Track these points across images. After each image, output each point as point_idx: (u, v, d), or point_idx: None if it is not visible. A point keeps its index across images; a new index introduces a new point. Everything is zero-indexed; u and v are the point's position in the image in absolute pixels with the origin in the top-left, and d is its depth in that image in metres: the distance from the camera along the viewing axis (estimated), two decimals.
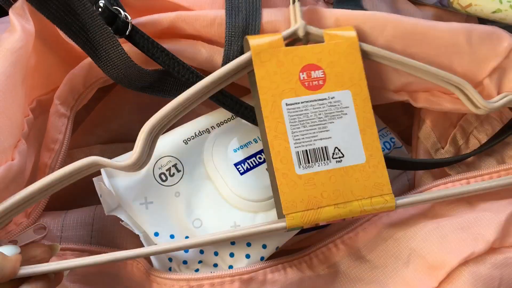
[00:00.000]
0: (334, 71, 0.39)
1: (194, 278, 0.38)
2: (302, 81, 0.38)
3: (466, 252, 0.39)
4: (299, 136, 0.37)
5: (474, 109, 0.43)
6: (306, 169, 0.36)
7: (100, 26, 0.36)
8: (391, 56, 0.41)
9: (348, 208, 0.36)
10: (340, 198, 0.36)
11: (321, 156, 0.37)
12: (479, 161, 0.50)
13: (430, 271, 0.41)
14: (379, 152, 0.38)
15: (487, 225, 0.41)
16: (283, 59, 0.38)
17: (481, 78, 0.44)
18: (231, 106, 0.41)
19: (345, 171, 0.37)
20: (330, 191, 0.36)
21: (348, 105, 0.38)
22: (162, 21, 0.40)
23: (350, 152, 0.37)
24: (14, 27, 0.37)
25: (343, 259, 0.43)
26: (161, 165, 0.40)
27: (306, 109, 0.37)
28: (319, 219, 0.36)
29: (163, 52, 0.39)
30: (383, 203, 0.37)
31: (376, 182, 0.37)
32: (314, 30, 0.39)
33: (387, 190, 0.37)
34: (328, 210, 0.36)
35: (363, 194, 0.37)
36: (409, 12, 0.49)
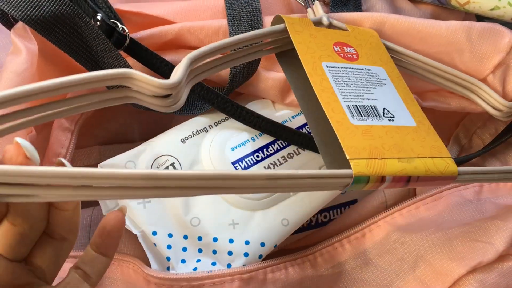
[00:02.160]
0: (364, 51, 0.39)
1: (194, 277, 0.38)
2: (337, 52, 0.38)
3: (474, 261, 0.39)
4: (346, 93, 0.35)
5: (493, 111, 0.43)
6: (360, 121, 0.34)
7: (107, 48, 0.37)
8: (407, 52, 0.41)
9: (413, 164, 0.33)
10: (402, 153, 0.33)
11: (373, 113, 0.35)
12: (483, 161, 0.50)
13: (436, 278, 0.40)
14: (426, 120, 0.36)
15: (496, 234, 0.40)
16: (315, 33, 0.38)
17: (485, 75, 0.44)
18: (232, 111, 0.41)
19: (400, 130, 0.35)
20: (390, 145, 0.33)
21: (386, 78, 0.38)
22: (167, 32, 0.41)
23: (399, 115, 0.36)
24: (18, 49, 0.37)
25: (348, 259, 0.42)
26: (159, 164, 0.40)
27: (346, 73, 0.37)
28: (384, 171, 0.32)
29: (162, 62, 0.39)
30: (445, 165, 0.34)
31: (433, 144, 0.35)
32: (337, 23, 0.40)
33: (446, 154, 0.35)
34: (393, 162, 0.32)
35: (424, 153, 0.34)
36: (407, 11, 0.49)
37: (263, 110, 0.44)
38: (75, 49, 0.37)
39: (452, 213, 0.43)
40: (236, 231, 0.39)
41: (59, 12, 0.35)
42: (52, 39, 0.36)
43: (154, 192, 0.25)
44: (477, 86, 0.43)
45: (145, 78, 0.29)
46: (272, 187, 0.29)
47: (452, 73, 0.43)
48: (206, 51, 0.34)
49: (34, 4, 0.34)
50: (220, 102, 0.41)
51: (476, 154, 0.48)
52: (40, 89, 0.26)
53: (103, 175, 0.24)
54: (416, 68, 0.43)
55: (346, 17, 0.42)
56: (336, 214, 0.47)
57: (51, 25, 0.35)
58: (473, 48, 0.43)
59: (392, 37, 0.43)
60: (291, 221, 0.41)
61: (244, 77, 0.42)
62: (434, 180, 0.34)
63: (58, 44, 0.36)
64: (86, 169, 0.23)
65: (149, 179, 0.24)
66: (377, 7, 0.47)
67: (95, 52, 0.37)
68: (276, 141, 0.43)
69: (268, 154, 0.42)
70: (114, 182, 0.24)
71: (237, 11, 0.41)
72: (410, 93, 0.38)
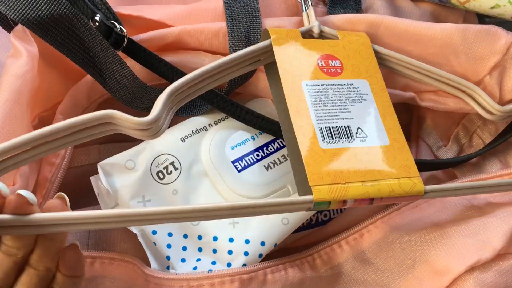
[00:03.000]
0: (350, 63, 0.39)
1: (194, 277, 0.38)
2: (320, 68, 0.38)
3: (472, 259, 0.39)
4: (321, 114, 0.36)
5: (487, 114, 0.43)
6: (330, 144, 0.35)
7: (105, 49, 0.37)
8: (401, 58, 0.42)
9: (377, 187, 0.34)
10: (367, 175, 0.34)
11: (345, 134, 0.36)
12: (483, 161, 0.50)
13: (435, 277, 0.40)
14: (401, 137, 0.37)
15: (494, 232, 0.40)
16: (301, 47, 0.38)
17: (481, 76, 0.44)
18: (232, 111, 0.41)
19: (370, 150, 0.35)
20: (356, 168, 0.34)
21: (367, 93, 0.38)
22: (167, 35, 0.41)
23: (373, 134, 0.36)
24: (18, 52, 0.37)
25: (347, 260, 0.42)
26: (159, 163, 0.40)
27: (326, 91, 0.37)
28: (347, 196, 0.33)
29: (161, 62, 0.39)
30: (411, 185, 0.35)
31: (402, 164, 0.35)
32: (328, 30, 0.41)
33: (415, 173, 0.35)
34: (356, 186, 0.33)
35: (390, 175, 0.35)
36: (407, 9, 0.49)
37: (263, 109, 0.44)
38: (73, 51, 0.37)
39: (450, 212, 0.43)
40: (236, 230, 0.39)
41: (56, 13, 0.35)
42: (49, 41, 0.36)
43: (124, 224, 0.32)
44: (472, 89, 0.43)
45: (124, 117, 0.31)
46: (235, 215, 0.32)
47: (447, 77, 0.43)
48: (186, 81, 0.35)
49: (31, 6, 0.34)
50: (219, 102, 0.41)
51: (476, 153, 0.48)
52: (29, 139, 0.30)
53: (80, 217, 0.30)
54: (411, 72, 0.43)
55: (342, 19, 0.42)
56: (336, 213, 0.47)
57: (48, 26, 0.35)
58: (469, 50, 0.43)
59: (387, 39, 0.43)
60: (291, 220, 0.40)
61: (244, 78, 0.42)
62: (399, 199, 0.35)
63: (56, 45, 0.36)
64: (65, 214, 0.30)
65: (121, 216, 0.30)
66: (376, 6, 0.47)
67: (93, 54, 0.37)
68: (276, 140, 0.43)
69: (268, 152, 0.42)
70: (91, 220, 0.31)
71: (236, 14, 0.42)
72: (391, 107, 0.38)
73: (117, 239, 0.42)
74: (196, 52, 0.42)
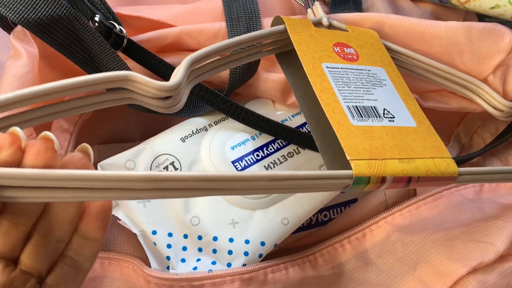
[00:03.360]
0: (364, 52, 0.39)
1: (194, 277, 0.38)
2: (337, 53, 0.38)
3: (475, 261, 0.39)
4: (346, 93, 0.35)
5: (494, 111, 0.43)
6: (360, 122, 0.34)
7: (105, 49, 0.37)
8: (408, 53, 0.41)
9: (413, 165, 0.33)
10: (402, 153, 0.33)
11: (373, 113, 0.35)
12: (484, 160, 0.50)
13: (437, 278, 0.40)
14: (426, 120, 0.36)
15: (497, 234, 0.40)
16: (315, 34, 0.38)
17: (485, 75, 0.44)
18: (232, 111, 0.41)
19: (400, 130, 0.34)
20: (391, 145, 0.33)
21: (385, 78, 0.38)
22: (167, 36, 0.41)
23: (400, 115, 0.36)
24: (18, 53, 0.37)
25: (348, 260, 0.42)
26: (159, 163, 0.40)
27: (346, 74, 0.37)
28: (385, 172, 0.31)
29: (160, 63, 0.39)
30: (446, 166, 0.33)
31: (433, 145, 0.35)
32: (337, 23, 0.40)
33: (447, 154, 0.34)
34: (393, 163, 0.32)
35: (424, 154, 0.34)
36: (407, 9, 0.49)
37: (263, 109, 0.44)
38: (73, 52, 0.37)
39: (453, 213, 0.43)
40: (236, 230, 0.39)
41: (56, 14, 0.35)
42: (50, 42, 0.36)
43: (156, 193, 0.25)
44: (478, 86, 0.43)
45: (145, 80, 0.29)
46: (273, 188, 0.29)
47: (453, 74, 0.43)
48: (206, 52, 0.34)
49: (31, 7, 0.34)
50: (219, 102, 0.41)
51: (477, 153, 0.48)
52: (42, 92, 0.27)
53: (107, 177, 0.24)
54: (416, 69, 0.43)
55: (346, 17, 0.42)
56: (336, 213, 0.47)
57: (48, 27, 0.35)
58: (473, 49, 0.43)
59: (392, 37, 0.43)
60: (291, 220, 0.40)
61: (244, 78, 0.42)
62: (435, 180, 0.34)
63: (56, 46, 0.36)
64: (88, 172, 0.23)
65: (151, 181, 0.24)
66: (377, 6, 0.47)
67: (93, 54, 0.37)
68: (276, 140, 0.43)
69: (268, 153, 0.42)
70: (117, 184, 0.24)
71: (235, 13, 0.41)
72: (410, 94, 0.38)
73: (117, 240, 0.42)
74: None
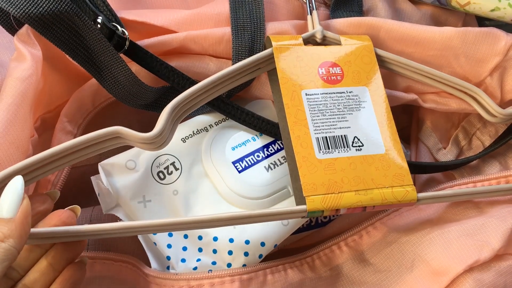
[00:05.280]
0: (351, 69, 0.40)
1: (194, 277, 0.38)
2: (321, 76, 0.39)
3: (471, 259, 0.39)
4: (319, 123, 0.37)
5: (489, 117, 0.44)
6: (326, 154, 0.36)
7: (105, 46, 0.37)
8: (404, 61, 0.42)
9: (369, 196, 0.35)
10: (361, 184, 0.36)
11: (341, 144, 0.37)
12: (483, 163, 0.50)
13: (434, 277, 0.40)
14: (397, 145, 0.38)
15: (493, 232, 0.40)
16: (302, 55, 0.39)
17: (482, 78, 0.44)
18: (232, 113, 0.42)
19: (365, 159, 0.37)
20: (350, 177, 0.36)
21: (366, 100, 0.39)
22: (172, 41, 0.41)
23: (369, 142, 0.37)
24: (22, 56, 0.37)
25: (346, 261, 0.42)
26: (159, 163, 0.40)
27: (325, 100, 0.38)
28: (340, 205, 0.35)
29: (162, 64, 0.39)
30: (404, 194, 0.36)
31: (396, 172, 0.37)
32: (331, 35, 0.41)
33: (408, 181, 0.37)
34: (349, 196, 0.35)
35: (384, 183, 0.36)
36: (407, 11, 0.49)
37: (263, 110, 0.44)
38: (72, 48, 0.37)
39: (448, 212, 0.43)
40: (236, 231, 0.39)
41: (58, 10, 0.35)
42: (50, 38, 0.36)
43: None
44: (474, 92, 0.44)
45: (130, 133, 0.34)
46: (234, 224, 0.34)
47: (449, 80, 0.43)
48: (188, 95, 0.36)
49: (33, 2, 0.34)
50: (220, 104, 0.41)
51: (476, 156, 0.48)
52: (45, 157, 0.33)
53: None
54: (414, 75, 0.43)
55: (343, 22, 0.43)
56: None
57: (50, 23, 0.35)
58: (469, 53, 0.43)
59: (387, 42, 0.43)
60: (291, 221, 0.41)
61: (246, 83, 0.42)
62: (391, 206, 0.37)
63: (56, 42, 0.36)
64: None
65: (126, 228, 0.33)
66: (378, 8, 0.48)
67: (92, 51, 0.37)
68: (276, 141, 0.43)
69: (268, 154, 0.42)
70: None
71: (241, 21, 0.42)
72: (389, 114, 0.39)
73: (117, 240, 0.42)
74: (201, 56, 0.42)
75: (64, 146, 0.33)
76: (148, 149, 0.35)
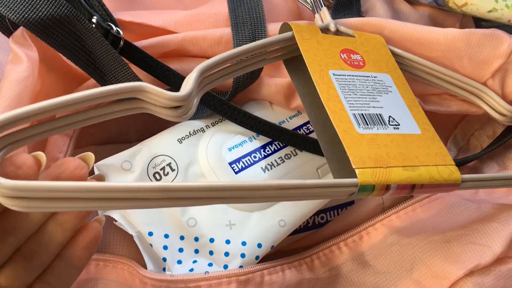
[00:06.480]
0: (371, 58, 0.39)
1: (190, 279, 0.38)
2: (343, 60, 0.38)
3: (472, 263, 0.39)
4: (352, 101, 0.36)
5: (499, 116, 0.43)
6: (366, 130, 0.34)
7: (107, 50, 0.36)
8: (411, 57, 0.42)
9: (417, 172, 0.33)
10: (406, 161, 0.34)
11: (378, 121, 0.35)
12: (481, 164, 0.50)
13: (434, 280, 0.40)
14: (431, 127, 0.37)
15: (494, 236, 0.40)
16: (322, 41, 0.38)
17: (484, 79, 0.44)
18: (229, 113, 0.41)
19: (405, 138, 0.35)
20: (395, 153, 0.34)
21: (391, 85, 0.38)
22: (170, 42, 0.41)
23: (404, 122, 0.36)
24: (18, 58, 0.36)
25: (345, 262, 0.42)
26: (155, 164, 0.40)
27: (353, 81, 0.37)
28: (389, 180, 0.32)
29: (158, 64, 0.39)
30: (449, 173, 0.34)
31: (437, 152, 0.35)
32: (344, 29, 0.41)
33: (450, 161, 0.35)
34: (397, 171, 0.33)
35: (428, 161, 0.34)
36: (405, 12, 0.49)
37: (260, 111, 0.44)
38: (74, 52, 0.36)
39: (449, 214, 0.43)
40: (233, 232, 0.39)
41: (57, 14, 0.34)
42: (51, 42, 0.36)
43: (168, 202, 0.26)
44: (482, 90, 0.43)
45: (156, 91, 0.30)
46: (282, 196, 0.30)
47: (457, 78, 0.43)
48: (215, 61, 0.34)
49: (31, 7, 0.34)
50: (217, 105, 0.41)
51: (475, 156, 0.48)
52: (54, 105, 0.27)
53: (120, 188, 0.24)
54: (421, 73, 0.43)
55: (347, 23, 0.42)
56: (333, 215, 0.46)
57: (49, 27, 0.35)
58: (472, 54, 0.43)
59: (391, 42, 0.43)
60: (288, 222, 0.40)
61: (247, 83, 0.42)
62: (438, 187, 0.34)
63: (57, 47, 0.36)
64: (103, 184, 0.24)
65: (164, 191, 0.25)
66: (377, 8, 0.48)
67: (94, 55, 0.37)
68: (273, 142, 0.43)
69: (265, 154, 0.42)
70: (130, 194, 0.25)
71: (240, 19, 0.41)
72: (415, 100, 0.38)
73: (112, 241, 0.42)
74: (198, 59, 0.42)
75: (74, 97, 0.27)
76: (170, 117, 0.31)
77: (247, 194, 0.28)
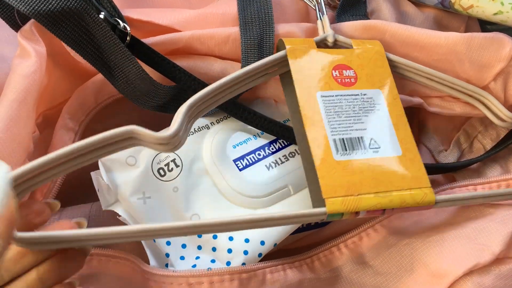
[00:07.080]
0: (364, 72, 0.39)
1: (193, 275, 0.38)
2: (334, 78, 0.38)
3: (471, 263, 0.39)
4: (335, 125, 0.36)
5: (498, 121, 0.44)
6: (343, 156, 0.35)
7: (115, 44, 0.36)
8: (413, 65, 0.42)
9: (389, 198, 0.35)
10: (380, 187, 0.35)
11: (358, 145, 0.36)
12: (484, 166, 0.50)
13: (433, 280, 0.40)
14: (414, 147, 0.37)
15: (493, 236, 0.40)
16: (316, 58, 0.39)
17: (486, 83, 0.44)
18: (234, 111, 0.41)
19: (383, 161, 0.36)
20: (369, 179, 0.35)
21: (380, 103, 0.38)
22: (178, 40, 0.41)
23: (386, 144, 0.37)
24: (26, 52, 0.36)
25: (345, 263, 0.42)
26: (160, 160, 0.40)
27: (340, 101, 0.37)
28: (359, 207, 0.34)
29: (164, 60, 0.39)
30: (422, 196, 0.35)
31: (414, 175, 0.36)
32: (342, 38, 0.41)
33: (426, 184, 0.36)
34: (368, 198, 0.34)
35: (402, 186, 0.35)
36: (410, 14, 0.49)
37: (265, 109, 0.44)
38: (82, 46, 0.37)
39: (449, 215, 0.43)
40: None
41: (67, 7, 0.35)
42: (60, 35, 0.36)
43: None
44: (483, 96, 0.44)
45: (145, 133, 0.32)
46: (254, 227, 0.32)
47: (458, 84, 0.43)
48: (204, 95, 0.35)
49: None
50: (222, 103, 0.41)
51: (478, 159, 0.48)
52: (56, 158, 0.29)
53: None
54: (422, 79, 0.43)
55: (350, 26, 0.43)
56: None
57: (59, 20, 0.35)
58: (473, 58, 0.43)
59: (392, 45, 0.43)
60: None
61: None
62: (410, 209, 0.36)
63: (66, 40, 0.36)
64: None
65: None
66: (383, 9, 0.48)
67: (103, 49, 0.37)
68: (277, 140, 0.43)
69: (269, 152, 0.42)
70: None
71: (249, 17, 0.41)
72: (404, 117, 0.39)
73: None
74: (205, 57, 0.42)
75: (72, 148, 0.30)
76: (163, 150, 0.33)
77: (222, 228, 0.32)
